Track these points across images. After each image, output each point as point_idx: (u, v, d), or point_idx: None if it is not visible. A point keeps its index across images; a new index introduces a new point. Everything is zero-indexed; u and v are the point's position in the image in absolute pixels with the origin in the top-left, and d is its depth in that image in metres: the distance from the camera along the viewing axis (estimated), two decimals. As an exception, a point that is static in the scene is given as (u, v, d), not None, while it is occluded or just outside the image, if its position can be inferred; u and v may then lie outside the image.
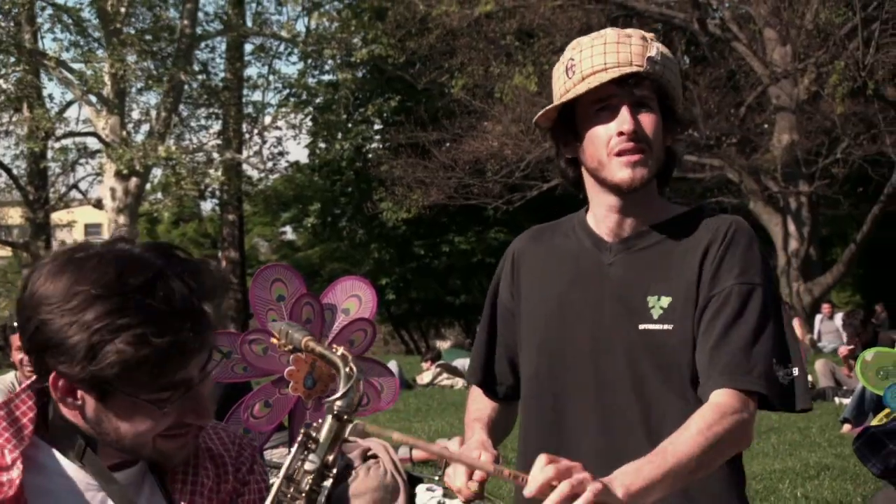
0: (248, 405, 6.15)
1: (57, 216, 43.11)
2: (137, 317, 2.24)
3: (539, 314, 3.40)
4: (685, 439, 2.90)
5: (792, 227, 31.19)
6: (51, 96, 53.44)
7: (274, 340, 2.45)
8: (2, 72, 37.14)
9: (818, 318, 27.74)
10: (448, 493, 8.65)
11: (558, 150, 3.36)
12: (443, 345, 37.68)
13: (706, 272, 3.19)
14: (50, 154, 39.84)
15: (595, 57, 3.14)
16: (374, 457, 8.75)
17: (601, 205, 3.31)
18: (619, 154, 3.17)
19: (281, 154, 44.93)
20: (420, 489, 8.57)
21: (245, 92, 41.45)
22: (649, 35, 3.20)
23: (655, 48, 3.16)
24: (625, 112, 3.14)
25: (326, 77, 41.79)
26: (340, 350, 2.34)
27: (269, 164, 41.23)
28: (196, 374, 2.36)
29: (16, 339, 7.49)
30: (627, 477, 2.76)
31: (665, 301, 3.20)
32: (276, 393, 6.36)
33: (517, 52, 31.83)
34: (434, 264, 44.62)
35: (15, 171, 40.98)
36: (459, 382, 22.61)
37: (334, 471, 2.30)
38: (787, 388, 3.12)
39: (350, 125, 41.92)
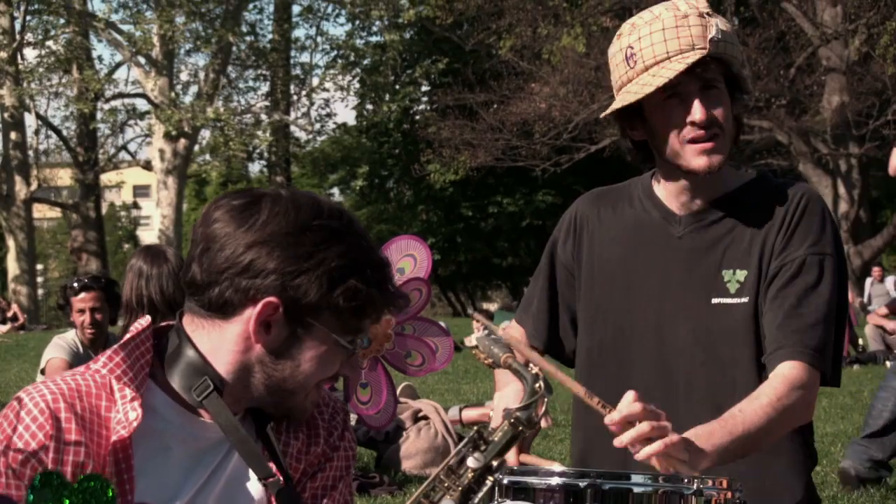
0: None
1: (106, 177, 43.39)
2: (369, 261, 2.37)
3: (602, 282, 3.37)
4: (756, 409, 2.94)
5: (842, 190, 31.02)
6: (100, 58, 53.72)
7: (476, 353, 2.46)
8: (51, 33, 37.37)
9: (868, 281, 27.55)
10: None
11: (624, 132, 3.30)
12: (490, 307, 37.69)
13: (778, 240, 3.18)
14: (99, 115, 40.04)
15: (656, 45, 3.07)
16: (425, 418, 8.77)
17: (674, 181, 3.27)
18: (693, 141, 3.14)
19: (328, 116, 45.16)
20: (470, 450, 8.58)
21: (293, 53, 41.59)
22: (704, 7, 3.12)
23: (715, 25, 3.09)
24: (696, 102, 3.10)
25: (374, 38, 41.83)
26: (536, 369, 2.34)
27: (317, 126, 41.38)
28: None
29: (77, 301, 7.51)
30: (699, 439, 2.82)
31: (741, 274, 3.20)
32: (332, 352, 6.39)
33: (565, 13, 31.70)
34: (481, 226, 44.59)
35: (65, 133, 41.25)
36: (507, 344, 22.62)
37: (496, 476, 2.29)
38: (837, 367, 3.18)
39: (397, 87, 41.89)
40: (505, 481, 2.81)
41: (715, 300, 3.20)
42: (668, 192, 3.31)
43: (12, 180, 38.94)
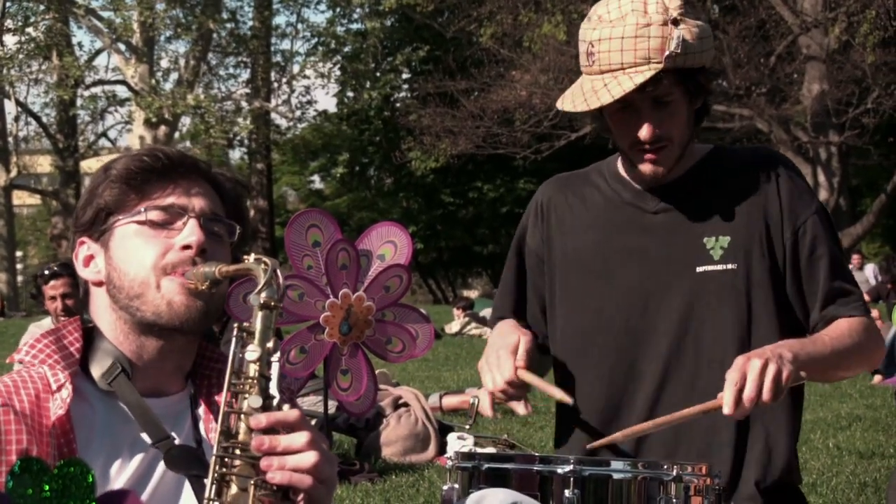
0: (283, 351, 6.18)
1: (86, 164, 43.26)
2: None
3: (578, 270, 3.40)
4: (841, 335, 3.19)
5: (822, 178, 31.04)
6: (80, 44, 53.47)
7: (192, 285, 2.47)
8: (31, 20, 37.23)
9: (848, 269, 27.61)
10: (479, 442, 8.68)
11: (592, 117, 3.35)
12: (471, 294, 37.72)
13: (774, 207, 3.27)
14: (79, 102, 39.91)
15: (613, 53, 3.11)
16: (406, 405, 8.78)
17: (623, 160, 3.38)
18: (641, 150, 3.22)
19: (309, 103, 44.98)
20: (451, 437, 8.59)
21: (273, 41, 41.48)
22: (675, 11, 3.11)
23: (677, 38, 3.09)
24: (644, 122, 3.17)
25: (355, 26, 41.75)
26: (253, 255, 2.39)
27: (298, 113, 41.29)
28: (192, 205, 2.52)
29: (48, 289, 7.52)
30: (794, 346, 3.06)
31: (724, 240, 3.25)
32: (312, 339, 6.39)
33: (546, 1, 31.66)
34: (462, 213, 44.57)
35: (44, 120, 41.10)
36: (488, 332, 22.65)
37: (277, 355, 2.32)
38: None
39: (378, 74, 41.83)
40: (484, 467, 2.83)
41: (700, 268, 3.25)
42: (634, 174, 3.35)
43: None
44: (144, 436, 2.46)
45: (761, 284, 3.25)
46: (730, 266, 3.23)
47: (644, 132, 3.16)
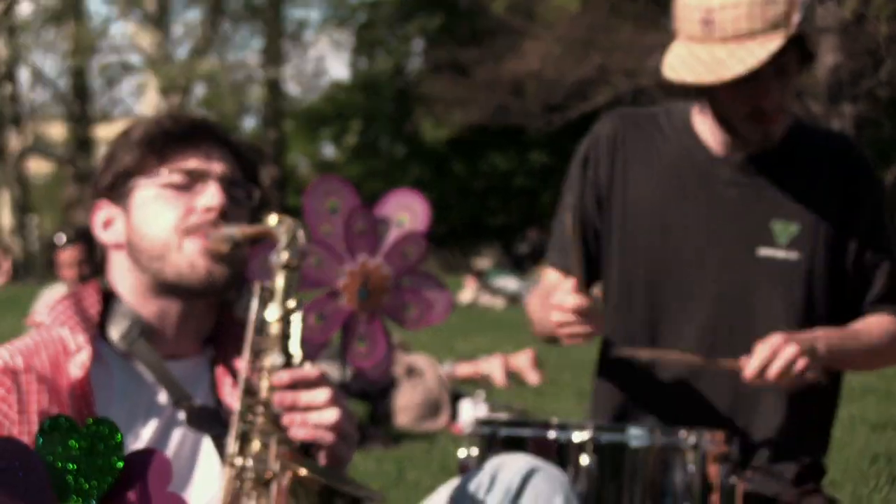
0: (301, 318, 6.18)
1: (100, 131, 43.20)
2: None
3: (636, 219, 3.29)
4: (871, 335, 3.19)
5: (835, 150, 30.93)
6: (95, 12, 53.35)
7: (214, 247, 2.50)
8: (45, -13, 37.16)
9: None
10: (492, 409, 8.70)
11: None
12: (483, 262, 37.72)
13: (848, 207, 3.22)
14: (96, 68, 39.89)
15: (739, 20, 2.96)
16: (419, 373, 8.81)
17: (723, 129, 3.22)
18: (756, 119, 3.11)
19: (322, 72, 44.82)
20: (463, 405, 8.63)
21: (286, 9, 41.34)
22: None
23: (801, 1, 2.99)
24: (769, 93, 3.06)
25: (368, -6, 41.65)
26: (275, 216, 2.44)
27: (310, 82, 41.21)
28: (212, 169, 2.55)
29: (63, 256, 7.51)
30: (833, 340, 3.07)
31: (793, 228, 3.18)
32: (330, 305, 6.39)
33: (560, -29, 31.57)
34: (473, 184, 44.47)
35: (59, 87, 41.04)
36: (499, 302, 22.66)
37: (299, 315, 2.35)
38: None
39: (391, 43, 41.72)
40: (501, 434, 2.84)
41: (763, 252, 3.18)
42: (713, 133, 3.24)
43: (6, 134, 38.81)
44: (161, 399, 2.49)
45: (821, 280, 3.20)
46: (794, 255, 3.17)
47: (770, 102, 3.07)
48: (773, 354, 2.91)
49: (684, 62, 3.04)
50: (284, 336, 2.32)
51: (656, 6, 31.00)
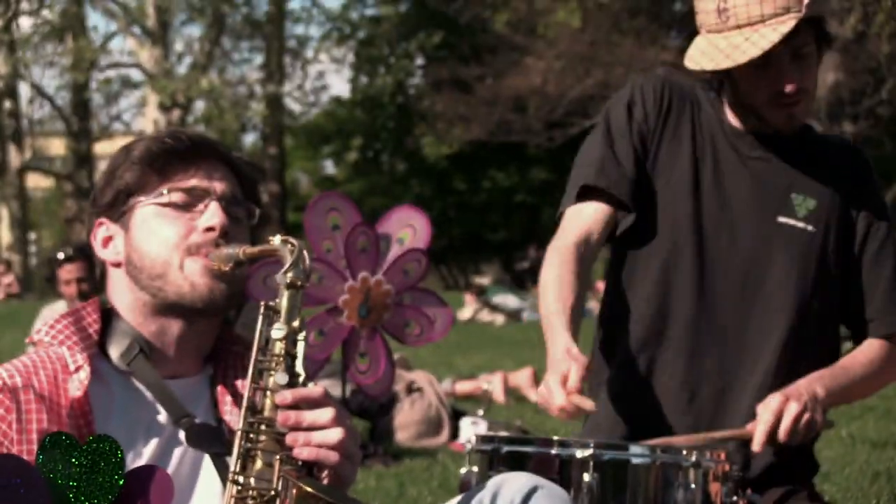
0: (302, 334, 6.17)
1: (100, 148, 43.23)
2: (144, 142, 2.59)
3: (673, 186, 3.36)
4: (861, 364, 3.24)
5: (836, 167, 30.94)
6: (95, 28, 53.32)
7: (215, 266, 2.50)
8: (46, 2, 37.20)
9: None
10: (492, 428, 8.68)
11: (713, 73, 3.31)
12: (483, 280, 37.68)
13: (857, 194, 3.32)
14: (94, 85, 39.90)
15: (752, 6, 3.06)
16: (419, 390, 8.79)
17: (745, 114, 3.33)
18: (779, 104, 3.20)
19: (323, 88, 44.86)
20: (464, 422, 8.61)
21: (287, 25, 41.36)
22: None
23: None
24: (787, 76, 3.15)
25: (369, 11, 41.65)
26: (278, 236, 2.43)
27: (311, 98, 41.23)
28: (214, 188, 2.55)
29: (63, 273, 7.52)
30: (828, 382, 3.11)
31: (811, 202, 3.27)
32: (331, 322, 6.40)
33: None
34: (474, 200, 44.45)
35: (58, 102, 41.07)
36: (499, 319, 22.65)
37: (303, 334, 2.35)
38: None
39: (392, 60, 41.75)
40: (503, 451, 2.83)
41: (781, 219, 3.27)
42: (736, 115, 3.35)
43: (6, 149, 38.85)
44: (161, 418, 2.49)
45: (833, 256, 3.28)
46: (811, 228, 3.26)
47: (789, 86, 3.15)
48: (776, 417, 2.93)
49: (704, 52, 3.15)
50: (289, 355, 2.32)
51: (657, 23, 31.08)
